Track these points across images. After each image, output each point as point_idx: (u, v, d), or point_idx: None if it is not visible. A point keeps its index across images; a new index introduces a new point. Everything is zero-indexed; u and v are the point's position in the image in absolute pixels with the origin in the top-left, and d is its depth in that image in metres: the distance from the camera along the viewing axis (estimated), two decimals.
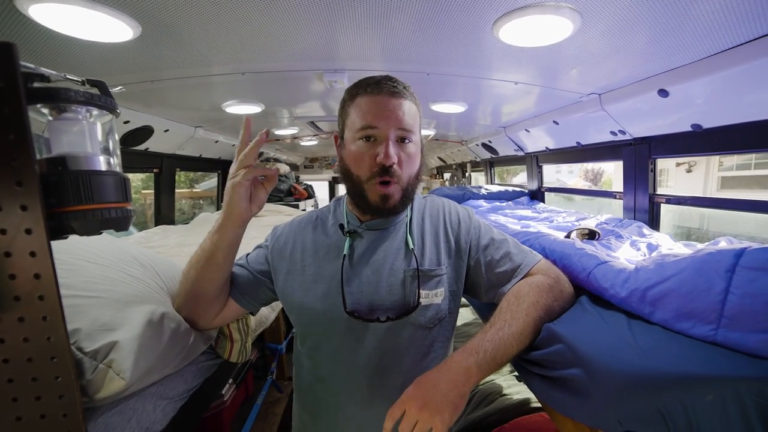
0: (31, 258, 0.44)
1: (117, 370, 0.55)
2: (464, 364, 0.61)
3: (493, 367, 0.63)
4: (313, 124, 2.58)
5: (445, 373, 0.61)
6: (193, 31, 0.91)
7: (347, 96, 0.76)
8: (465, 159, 3.93)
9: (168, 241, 1.76)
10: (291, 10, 0.82)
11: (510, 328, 0.66)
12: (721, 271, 0.60)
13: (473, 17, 0.85)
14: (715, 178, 6.57)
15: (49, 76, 0.48)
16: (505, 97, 1.61)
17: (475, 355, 0.62)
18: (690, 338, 0.60)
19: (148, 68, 1.17)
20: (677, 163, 5.20)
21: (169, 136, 2.02)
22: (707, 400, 0.50)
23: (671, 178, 7.22)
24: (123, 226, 0.53)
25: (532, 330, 0.68)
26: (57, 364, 0.47)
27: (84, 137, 0.51)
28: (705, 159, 6.02)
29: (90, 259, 0.73)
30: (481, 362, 0.61)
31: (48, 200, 0.45)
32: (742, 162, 6.18)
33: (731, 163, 6.35)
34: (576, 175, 12.01)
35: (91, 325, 0.57)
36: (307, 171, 5.49)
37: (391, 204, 0.73)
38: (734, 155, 4.06)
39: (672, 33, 0.84)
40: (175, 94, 1.52)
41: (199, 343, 0.80)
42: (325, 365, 0.78)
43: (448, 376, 0.60)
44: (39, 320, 0.45)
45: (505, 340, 0.65)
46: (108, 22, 0.78)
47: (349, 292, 0.74)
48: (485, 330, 0.67)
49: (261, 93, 1.62)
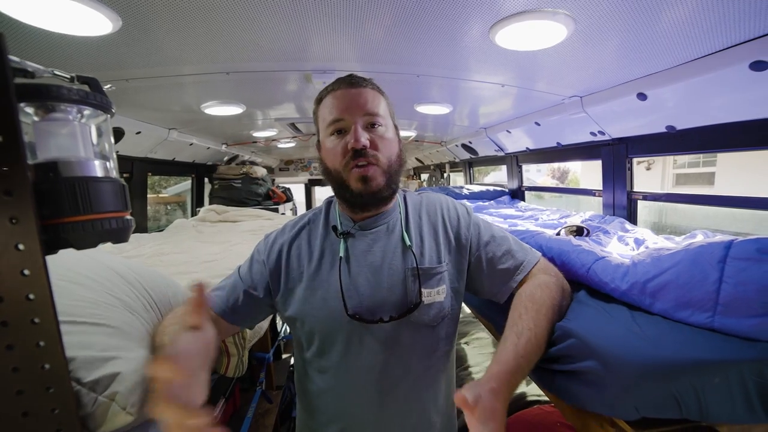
0: (21, 277, 0.39)
1: (122, 404, 0.49)
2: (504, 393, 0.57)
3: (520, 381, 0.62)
4: (293, 126, 2.52)
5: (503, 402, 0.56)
6: (173, 28, 0.85)
7: (315, 102, 0.79)
8: (443, 160, 3.98)
9: (143, 251, 1.65)
10: (277, 10, 0.79)
11: (536, 339, 0.65)
12: (714, 262, 0.65)
13: (471, 21, 0.86)
14: (670, 174, 7.16)
15: (34, 71, 0.43)
16: (490, 99, 1.65)
17: (514, 377, 0.59)
18: (690, 326, 0.64)
19: (122, 66, 1.09)
20: (638, 162, 5.62)
21: (141, 138, 1.90)
22: (714, 383, 0.54)
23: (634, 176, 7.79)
24: (122, 237, 0.48)
25: (551, 333, 0.69)
26: (54, 395, 0.42)
27: (75, 140, 0.46)
28: (662, 158, 6.54)
29: (72, 279, 0.65)
30: (516, 383, 0.60)
31: (40, 211, 0.40)
32: (691, 160, 6.77)
33: (683, 161, 6.94)
34: (544, 174, 12.57)
35: (87, 353, 0.51)
36: (283, 174, 5.35)
37: (374, 186, 0.72)
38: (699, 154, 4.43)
39: (648, 41, 0.89)
40: (148, 95, 1.42)
41: None
42: (331, 371, 0.76)
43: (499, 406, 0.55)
44: (32, 347, 0.40)
45: (532, 352, 0.64)
46: (85, 12, 0.71)
47: (350, 295, 0.72)
48: (515, 345, 0.63)
49: (243, 93, 1.56)
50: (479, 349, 2.10)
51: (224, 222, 2.63)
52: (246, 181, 3.17)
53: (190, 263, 1.49)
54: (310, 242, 0.80)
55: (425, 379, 0.77)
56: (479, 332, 2.26)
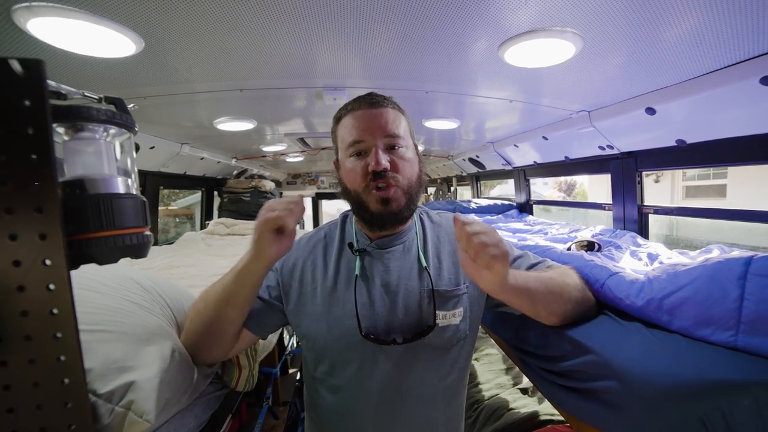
0: (47, 292, 0.39)
1: (138, 412, 0.49)
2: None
3: (524, 291, 0.65)
4: (302, 141, 2.57)
5: None
6: (189, 47, 0.88)
7: (334, 120, 0.79)
8: (450, 173, 4.00)
9: (154, 263, 1.67)
10: (290, 28, 0.81)
11: (546, 282, 0.70)
12: (734, 279, 0.63)
13: (482, 39, 0.88)
14: (680, 187, 7.07)
15: (66, 93, 0.45)
16: (497, 114, 1.67)
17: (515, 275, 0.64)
18: (712, 345, 0.62)
19: (141, 84, 1.13)
20: (646, 175, 5.58)
21: (155, 153, 1.95)
22: (743, 406, 0.51)
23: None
24: (142, 252, 0.49)
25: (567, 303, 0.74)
26: (71, 410, 0.42)
27: (101, 158, 0.48)
28: (670, 171, 6.50)
29: (90, 287, 0.67)
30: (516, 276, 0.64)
31: (66, 227, 0.41)
32: (701, 173, 6.69)
33: (693, 173, 6.86)
34: (550, 187, 12.51)
35: (102, 363, 0.52)
36: (290, 187, 5.42)
37: (394, 208, 0.71)
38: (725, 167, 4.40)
39: (656, 56, 0.90)
40: (163, 111, 1.46)
41: (205, 374, 0.75)
42: (342, 389, 0.74)
43: None
44: (53, 362, 0.40)
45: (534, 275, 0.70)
46: (111, 36, 0.75)
47: (364, 314, 0.71)
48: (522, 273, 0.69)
49: (255, 109, 1.60)
50: (489, 366, 2.05)
51: (233, 235, 2.65)
52: (255, 194, 3.21)
53: (200, 276, 1.50)
54: (325, 258, 0.79)
55: (438, 401, 0.76)
56: (489, 348, 2.22)
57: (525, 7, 0.72)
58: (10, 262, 0.38)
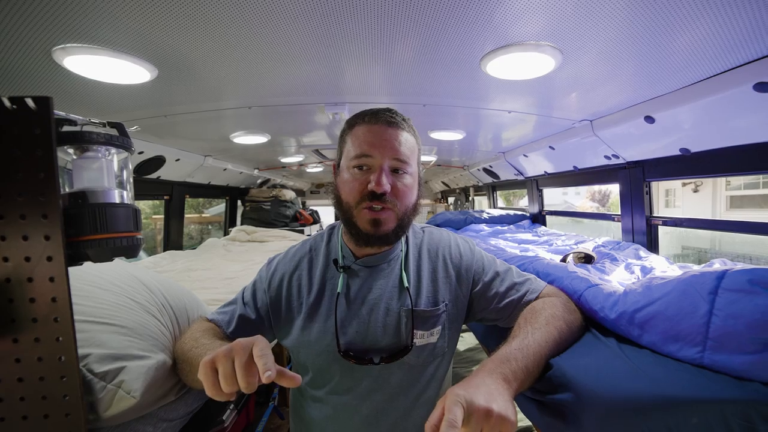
0: (50, 283, 0.48)
1: (127, 389, 0.58)
2: (500, 371, 0.56)
3: (526, 376, 0.59)
4: (317, 152, 2.68)
5: (483, 378, 0.54)
6: (204, 70, 0.99)
7: (346, 125, 0.77)
8: (468, 183, 3.99)
9: (175, 266, 1.81)
10: (297, 47, 0.89)
11: (533, 336, 0.63)
12: (705, 293, 0.62)
13: (463, 54, 0.91)
14: (723, 197, 6.50)
15: (76, 120, 0.55)
16: (502, 125, 1.68)
17: (507, 364, 0.58)
18: (679, 361, 0.61)
19: (162, 104, 1.27)
20: (683, 183, 5.17)
21: (180, 165, 2.13)
22: (692, 423, 0.50)
23: (678, 198, 7.16)
24: (132, 253, 0.57)
25: (556, 339, 0.66)
26: (66, 383, 0.50)
27: (102, 173, 0.57)
28: (711, 178, 6.01)
29: (99, 284, 0.77)
30: (515, 370, 0.58)
31: (68, 230, 0.50)
32: (749, 181, 6.13)
33: (739, 182, 6.31)
34: (583, 197, 11.98)
35: (101, 351, 0.61)
36: (314, 197, 5.59)
37: (383, 230, 0.70)
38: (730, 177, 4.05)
39: (655, 63, 0.89)
40: (186, 127, 1.62)
41: None
42: (324, 401, 0.77)
43: (491, 379, 0.54)
44: (53, 341, 0.49)
45: (532, 347, 0.62)
46: (129, 67, 0.87)
47: (344, 332, 0.73)
48: (508, 343, 0.63)
49: (267, 124, 1.72)
50: None
51: (252, 242, 2.80)
52: (275, 203, 3.37)
53: (213, 279, 1.62)
54: (310, 273, 0.79)
55: (415, 416, 0.76)
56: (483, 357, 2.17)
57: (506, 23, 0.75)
58: (22, 257, 0.48)
